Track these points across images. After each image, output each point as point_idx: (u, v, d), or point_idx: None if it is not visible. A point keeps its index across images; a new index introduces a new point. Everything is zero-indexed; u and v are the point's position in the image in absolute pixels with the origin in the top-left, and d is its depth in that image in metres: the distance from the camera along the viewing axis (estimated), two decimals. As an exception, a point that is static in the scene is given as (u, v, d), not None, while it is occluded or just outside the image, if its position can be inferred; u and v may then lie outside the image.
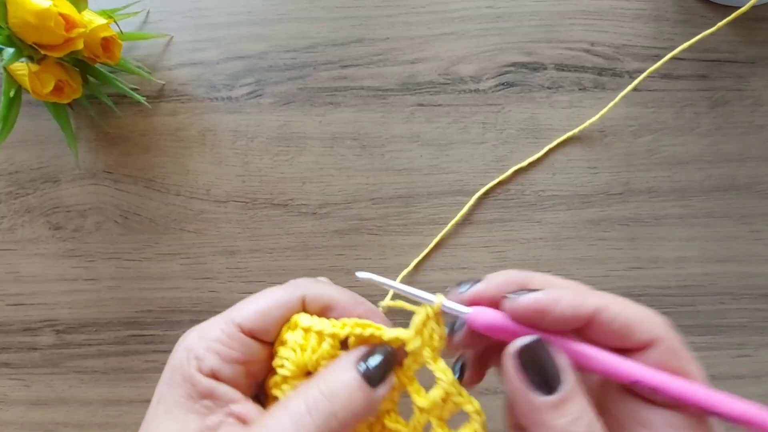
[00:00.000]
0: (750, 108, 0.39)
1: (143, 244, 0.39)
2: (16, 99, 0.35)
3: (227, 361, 0.22)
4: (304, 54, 0.40)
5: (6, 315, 0.39)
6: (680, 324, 0.38)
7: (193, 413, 0.21)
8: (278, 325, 0.23)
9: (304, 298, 0.24)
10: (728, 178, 0.39)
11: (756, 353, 0.38)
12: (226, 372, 0.22)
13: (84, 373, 0.38)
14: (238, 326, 0.23)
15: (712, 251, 0.38)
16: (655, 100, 0.39)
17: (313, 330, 0.23)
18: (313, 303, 0.24)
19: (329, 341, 0.23)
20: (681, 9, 0.40)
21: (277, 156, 0.39)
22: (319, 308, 0.24)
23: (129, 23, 0.39)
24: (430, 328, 0.23)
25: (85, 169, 0.39)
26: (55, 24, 0.31)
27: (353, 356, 0.22)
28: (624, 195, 0.39)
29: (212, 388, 0.22)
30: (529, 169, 0.39)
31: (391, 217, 0.39)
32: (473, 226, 0.39)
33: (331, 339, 0.23)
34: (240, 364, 0.22)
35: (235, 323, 0.23)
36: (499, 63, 0.40)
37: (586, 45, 0.40)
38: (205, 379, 0.22)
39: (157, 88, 0.40)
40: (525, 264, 0.38)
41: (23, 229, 0.39)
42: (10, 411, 0.38)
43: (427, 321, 0.23)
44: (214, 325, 0.23)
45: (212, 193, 0.39)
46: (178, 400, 0.22)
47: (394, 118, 0.39)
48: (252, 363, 0.23)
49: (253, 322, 0.23)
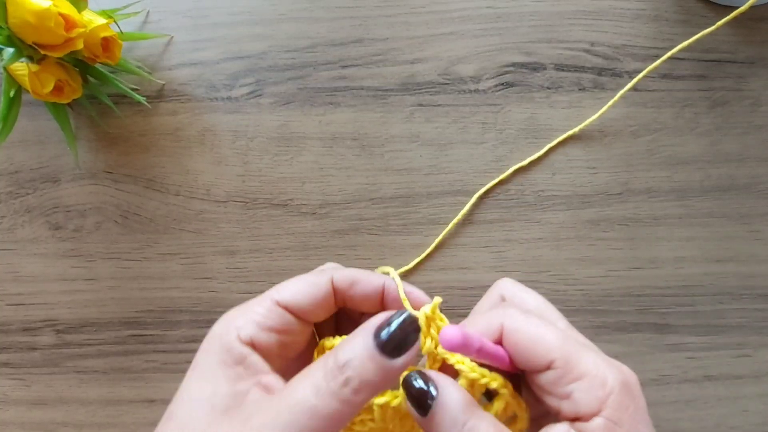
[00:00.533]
0: (749, 108, 0.39)
1: (143, 244, 0.39)
2: (16, 99, 0.35)
3: (264, 329, 0.24)
4: (304, 54, 0.40)
5: (6, 315, 0.39)
6: (680, 324, 0.38)
7: (224, 378, 0.23)
8: (311, 300, 0.25)
9: (332, 278, 0.26)
10: (727, 178, 0.39)
11: (755, 353, 0.38)
12: (262, 339, 0.24)
13: (84, 373, 0.38)
14: (276, 302, 0.25)
15: (711, 251, 0.39)
16: (655, 100, 0.39)
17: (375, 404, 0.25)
18: (341, 282, 0.26)
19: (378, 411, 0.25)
20: (681, 9, 0.40)
21: (277, 156, 0.39)
22: (346, 285, 0.26)
23: (129, 23, 0.39)
24: (436, 325, 0.24)
25: (85, 169, 0.39)
26: (55, 24, 0.31)
27: (372, 324, 0.22)
28: (623, 195, 0.39)
29: (246, 355, 0.23)
30: (529, 169, 0.39)
31: (391, 217, 0.39)
32: (473, 226, 0.39)
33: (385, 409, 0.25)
34: (276, 333, 0.24)
35: (273, 299, 0.25)
36: (499, 63, 0.40)
37: (586, 45, 0.40)
38: (241, 345, 0.23)
39: (157, 88, 0.40)
40: (525, 264, 0.38)
41: (23, 229, 0.39)
42: (10, 411, 0.38)
43: (430, 321, 0.24)
44: (254, 302, 0.25)
45: (212, 193, 0.39)
46: (212, 365, 0.23)
47: (393, 118, 0.39)
48: (286, 333, 0.25)
49: (291, 298, 0.25)
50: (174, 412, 0.23)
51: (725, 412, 0.38)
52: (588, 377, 0.21)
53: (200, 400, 0.22)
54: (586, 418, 0.21)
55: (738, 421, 0.38)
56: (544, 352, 0.22)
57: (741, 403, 0.38)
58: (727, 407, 0.38)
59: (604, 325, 0.38)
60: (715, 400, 0.38)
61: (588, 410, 0.21)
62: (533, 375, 0.23)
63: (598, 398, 0.21)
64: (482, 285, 0.38)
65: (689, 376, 0.38)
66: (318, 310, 0.26)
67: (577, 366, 0.22)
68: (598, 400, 0.21)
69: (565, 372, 0.22)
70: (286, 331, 0.25)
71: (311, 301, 0.25)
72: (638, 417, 0.21)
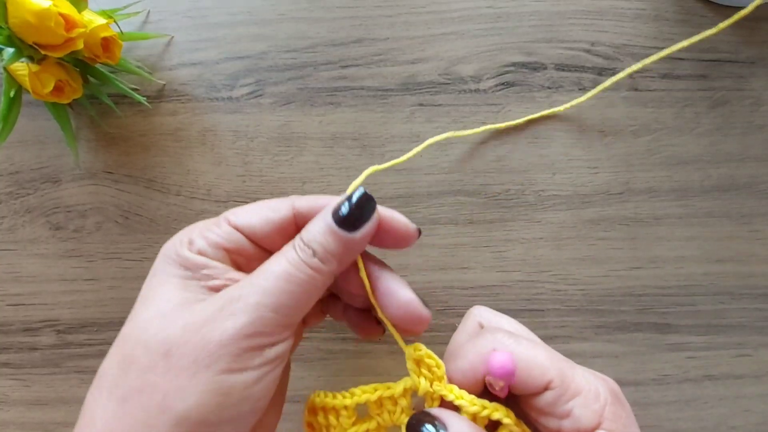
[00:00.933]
0: (750, 108, 0.39)
1: (144, 244, 0.39)
2: (16, 99, 0.35)
3: (213, 246, 0.24)
4: (304, 54, 0.40)
5: (6, 315, 0.39)
6: (680, 323, 0.38)
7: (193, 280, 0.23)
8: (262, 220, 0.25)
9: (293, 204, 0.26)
10: (728, 178, 0.39)
11: (755, 353, 0.38)
12: (211, 254, 0.24)
13: (84, 373, 0.38)
14: (226, 220, 0.25)
15: (711, 251, 0.39)
16: (655, 100, 0.39)
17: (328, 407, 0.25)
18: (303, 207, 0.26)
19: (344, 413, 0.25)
20: (681, 9, 0.40)
21: (277, 156, 0.39)
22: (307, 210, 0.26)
23: (129, 23, 0.39)
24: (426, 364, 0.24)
25: (85, 169, 0.39)
26: (55, 24, 0.31)
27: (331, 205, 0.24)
28: (624, 195, 0.39)
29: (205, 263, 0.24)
30: (529, 169, 0.39)
31: (391, 217, 0.39)
32: (473, 226, 0.39)
33: (345, 411, 0.24)
34: (224, 251, 0.24)
35: (225, 218, 0.25)
36: (499, 63, 0.40)
37: (586, 45, 0.40)
38: (198, 257, 0.24)
39: (157, 88, 0.40)
40: (525, 264, 0.38)
41: (23, 229, 0.39)
42: (10, 411, 0.38)
43: (420, 361, 0.24)
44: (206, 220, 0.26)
45: (213, 193, 0.39)
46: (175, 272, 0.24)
47: (394, 118, 0.39)
48: (235, 253, 0.25)
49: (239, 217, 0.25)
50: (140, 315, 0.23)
51: (725, 412, 0.38)
52: (584, 392, 0.22)
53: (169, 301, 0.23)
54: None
55: (738, 420, 0.38)
56: (541, 373, 0.22)
57: (741, 402, 0.38)
58: (727, 407, 0.38)
59: (604, 325, 0.38)
60: (715, 399, 0.38)
61: (589, 425, 0.21)
62: (530, 399, 0.23)
63: (596, 412, 0.21)
64: (482, 285, 0.38)
65: (689, 375, 0.38)
66: (274, 236, 0.25)
67: (572, 382, 0.22)
68: (596, 413, 0.21)
69: (563, 390, 0.22)
70: (233, 250, 0.25)
71: (266, 223, 0.25)
72: (629, 422, 0.22)
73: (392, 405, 0.24)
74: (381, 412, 0.24)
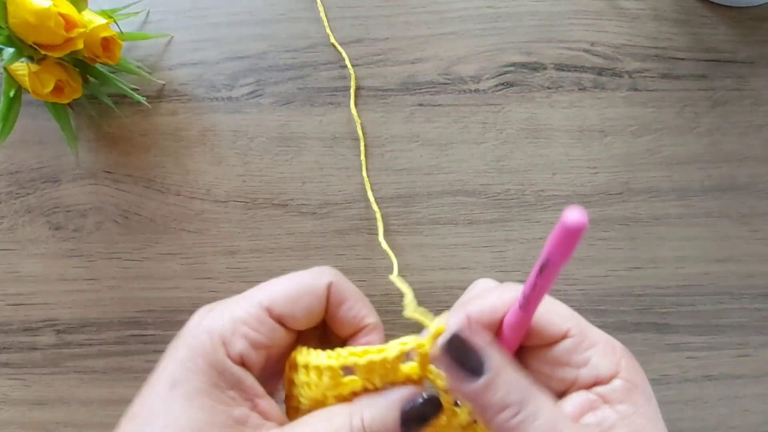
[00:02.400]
0: (750, 108, 0.39)
1: (143, 244, 0.39)
2: (16, 99, 0.35)
3: (255, 347, 0.21)
4: (304, 54, 0.40)
5: (6, 315, 0.39)
6: (680, 324, 0.38)
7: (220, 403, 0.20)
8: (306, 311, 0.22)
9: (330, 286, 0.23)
10: (728, 177, 0.39)
11: (756, 353, 0.38)
12: (253, 358, 0.21)
13: (84, 373, 0.38)
14: (266, 310, 0.22)
15: (711, 251, 0.39)
16: (655, 100, 0.39)
17: (311, 366, 0.22)
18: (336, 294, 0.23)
19: (328, 374, 0.22)
20: (681, 9, 0.40)
21: (277, 156, 0.39)
22: (337, 300, 0.23)
23: (129, 23, 0.39)
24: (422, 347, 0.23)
25: (85, 169, 0.39)
26: (55, 24, 0.31)
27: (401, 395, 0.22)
28: (624, 195, 0.39)
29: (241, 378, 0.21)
30: (529, 169, 0.39)
31: (391, 217, 0.39)
32: (473, 226, 0.39)
33: (329, 371, 0.22)
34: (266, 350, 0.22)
35: (263, 306, 0.22)
36: (499, 63, 0.40)
37: (585, 45, 0.40)
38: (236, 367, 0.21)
39: (157, 88, 0.40)
40: (525, 264, 0.38)
41: (23, 229, 0.39)
42: (10, 411, 0.38)
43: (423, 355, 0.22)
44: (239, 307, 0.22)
45: (212, 193, 0.39)
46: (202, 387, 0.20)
47: (394, 118, 0.39)
48: (274, 349, 0.22)
49: (283, 307, 0.22)
50: None
51: (725, 412, 0.38)
52: (602, 343, 0.22)
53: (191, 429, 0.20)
54: (605, 381, 0.21)
55: (738, 421, 0.38)
56: (560, 321, 0.22)
57: (741, 402, 0.38)
58: (727, 407, 0.38)
59: (604, 325, 0.38)
60: (715, 399, 0.38)
61: (608, 373, 0.21)
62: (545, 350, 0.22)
63: (614, 361, 0.21)
64: (482, 285, 0.38)
65: (689, 375, 0.38)
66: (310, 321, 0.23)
67: (590, 333, 0.22)
68: (614, 363, 0.21)
69: (582, 339, 0.22)
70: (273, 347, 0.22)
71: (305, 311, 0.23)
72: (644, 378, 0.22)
73: (383, 369, 0.22)
74: (371, 376, 0.23)
